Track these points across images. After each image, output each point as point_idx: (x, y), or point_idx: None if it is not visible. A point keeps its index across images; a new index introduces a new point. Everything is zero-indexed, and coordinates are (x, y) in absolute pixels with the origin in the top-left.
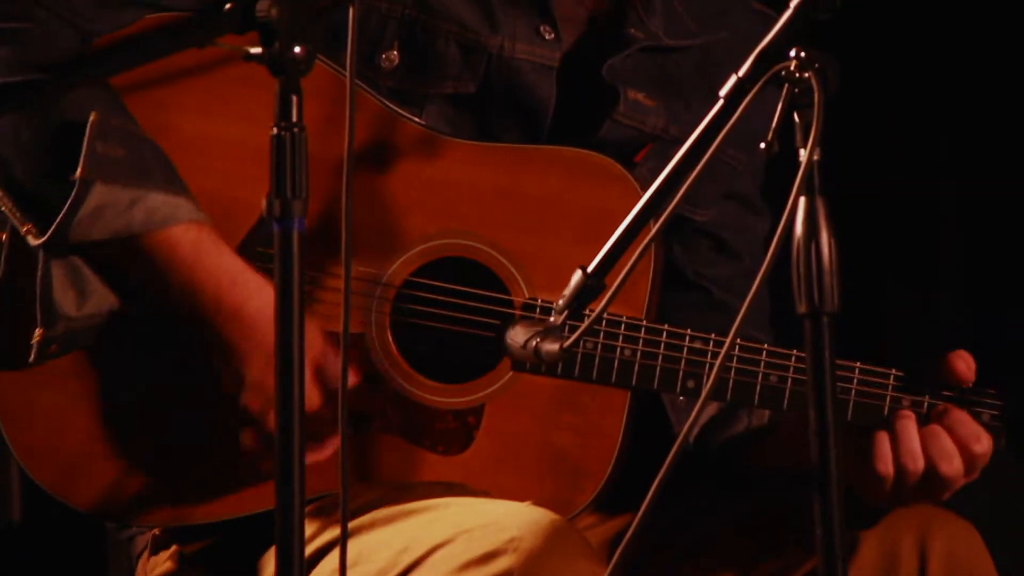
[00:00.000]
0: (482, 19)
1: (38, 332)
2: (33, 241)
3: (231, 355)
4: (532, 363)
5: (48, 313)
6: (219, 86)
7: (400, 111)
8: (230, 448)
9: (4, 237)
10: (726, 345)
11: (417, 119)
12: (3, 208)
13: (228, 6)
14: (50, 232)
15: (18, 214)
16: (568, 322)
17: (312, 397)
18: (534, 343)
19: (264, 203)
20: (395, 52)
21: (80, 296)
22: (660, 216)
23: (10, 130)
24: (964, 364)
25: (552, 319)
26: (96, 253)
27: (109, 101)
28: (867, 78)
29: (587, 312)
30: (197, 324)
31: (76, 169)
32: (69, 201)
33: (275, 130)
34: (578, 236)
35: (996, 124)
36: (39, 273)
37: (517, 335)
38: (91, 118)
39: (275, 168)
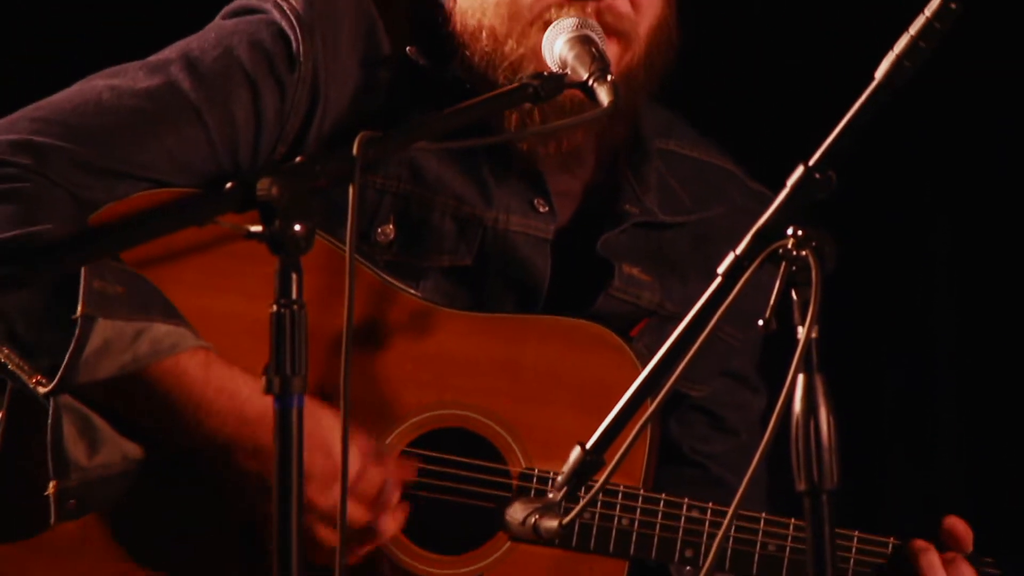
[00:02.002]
0: (477, 192)
1: (52, 484)
2: (42, 390)
3: (269, 461)
4: (531, 539)
5: (60, 463)
6: (218, 261)
7: (397, 284)
8: None
9: (1, 414)
10: (725, 524)
11: (414, 291)
12: (9, 365)
13: (229, 185)
14: (59, 375)
15: (25, 367)
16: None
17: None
18: (532, 520)
19: (263, 379)
20: (391, 226)
21: (91, 446)
22: (658, 393)
23: (8, 287)
24: (962, 528)
25: (551, 495)
26: (106, 394)
27: None
28: (867, 255)
29: (587, 484)
30: (219, 444)
31: (76, 311)
32: (74, 340)
33: (275, 307)
34: (575, 406)
35: (993, 304)
36: (49, 422)
37: (516, 512)
38: None
39: (275, 345)
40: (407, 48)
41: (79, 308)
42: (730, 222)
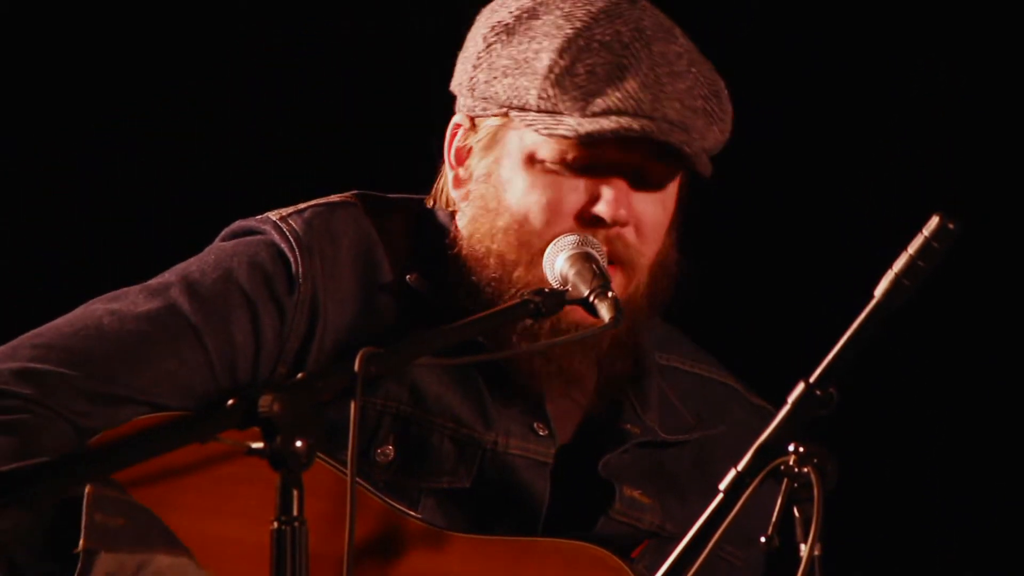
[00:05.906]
0: (476, 415)
1: None
2: None
3: None
4: None
5: None
6: (217, 485)
7: (397, 506)
8: None
9: None
10: None
11: (414, 513)
12: None
13: (231, 402)
14: None
15: None
16: None
17: None
18: None
19: None
20: (390, 447)
21: None
22: None
23: (9, 518)
24: None
25: None
26: None
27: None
28: (872, 471)
29: None
30: None
31: (78, 543)
32: (76, 574)
33: (276, 524)
34: None
35: (998, 531)
36: None
37: None
38: (87, 491)
39: (276, 562)
40: (407, 276)
41: (81, 543)
42: (732, 439)
